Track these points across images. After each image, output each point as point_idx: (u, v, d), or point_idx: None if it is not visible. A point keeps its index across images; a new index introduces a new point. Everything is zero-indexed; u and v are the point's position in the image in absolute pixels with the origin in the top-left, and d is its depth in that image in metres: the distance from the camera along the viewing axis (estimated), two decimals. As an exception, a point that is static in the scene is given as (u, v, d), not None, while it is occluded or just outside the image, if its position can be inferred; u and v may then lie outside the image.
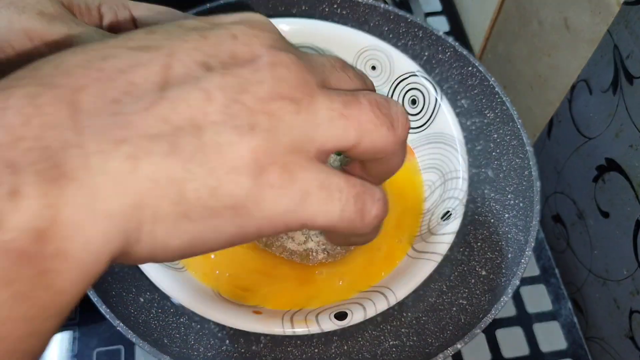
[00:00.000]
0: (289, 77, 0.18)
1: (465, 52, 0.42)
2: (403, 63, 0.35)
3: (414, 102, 0.35)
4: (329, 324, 0.27)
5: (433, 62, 0.43)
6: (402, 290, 0.29)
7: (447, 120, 0.34)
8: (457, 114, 0.44)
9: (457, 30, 0.59)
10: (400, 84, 0.35)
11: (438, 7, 0.60)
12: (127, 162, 0.16)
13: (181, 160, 0.16)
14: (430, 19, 0.59)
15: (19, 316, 0.15)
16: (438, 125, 0.34)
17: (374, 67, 0.36)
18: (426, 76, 0.34)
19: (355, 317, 0.28)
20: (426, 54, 0.43)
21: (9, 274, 0.14)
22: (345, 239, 0.24)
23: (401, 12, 0.42)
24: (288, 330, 0.27)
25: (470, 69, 0.42)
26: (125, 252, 0.17)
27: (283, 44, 0.19)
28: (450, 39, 0.42)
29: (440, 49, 0.43)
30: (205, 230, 0.17)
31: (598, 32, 0.39)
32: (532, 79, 0.49)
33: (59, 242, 0.15)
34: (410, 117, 0.36)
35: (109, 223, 0.16)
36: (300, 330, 0.27)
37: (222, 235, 0.18)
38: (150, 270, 0.28)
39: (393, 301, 0.28)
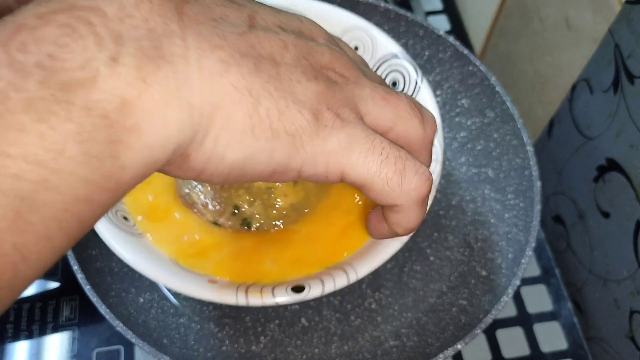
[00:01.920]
0: (342, 59, 0.22)
1: (465, 51, 0.42)
2: (385, 44, 0.35)
3: (394, 84, 0.35)
4: (285, 297, 0.27)
5: (433, 61, 0.43)
6: (363, 268, 0.28)
7: (426, 103, 0.33)
8: (458, 114, 0.44)
9: (458, 29, 0.59)
10: (382, 65, 0.35)
11: (439, 5, 0.60)
12: (219, 64, 0.18)
13: (262, 80, 0.19)
14: (430, 18, 0.59)
15: (82, 176, 0.15)
16: None
17: (356, 48, 0.36)
18: (408, 58, 0.34)
19: (313, 291, 0.27)
20: (427, 53, 0.43)
21: (85, 132, 0.15)
22: (385, 226, 0.25)
23: (402, 11, 0.42)
24: (241, 301, 0.27)
25: (470, 68, 0.42)
26: (185, 152, 0.18)
27: (334, 40, 0.24)
28: (450, 38, 0.42)
29: (440, 48, 0.42)
30: (261, 150, 0.19)
31: (599, 31, 0.39)
32: (533, 78, 0.49)
33: (139, 117, 0.16)
34: None
35: (187, 113, 0.17)
36: (254, 301, 0.27)
37: (271, 162, 0.19)
38: (108, 235, 0.28)
39: (353, 278, 0.28)
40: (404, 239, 0.29)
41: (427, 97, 0.34)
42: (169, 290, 0.38)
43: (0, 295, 0.15)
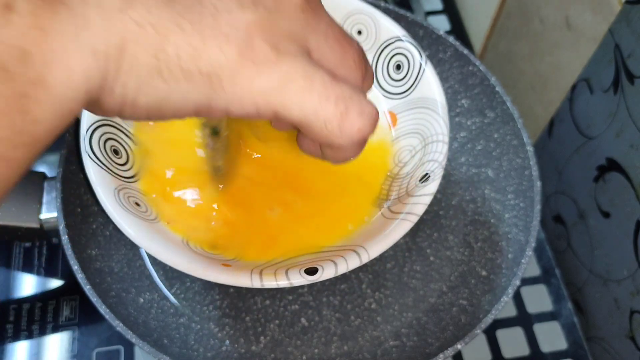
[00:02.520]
0: None
1: (465, 51, 0.42)
2: (389, 27, 0.35)
3: (398, 67, 0.35)
4: (299, 279, 0.27)
5: (433, 61, 0.43)
6: (375, 249, 0.28)
7: (430, 85, 0.34)
8: (458, 114, 0.44)
9: (458, 29, 0.59)
10: (386, 49, 0.35)
11: (439, 5, 0.60)
12: (120, 0, 0.16)
13: (174, 13, 0.16)
14: (430, 18, 0.59)
15: None
16: (422, 90, 0.34)
17: (360, 32, 0.36)
18: (411, 41, 0.34)
19: (326, 272, 0.27)
20: (427, 53, 0.43)
21: None
22: (318, 149, 0.23)
23: (401, 11, 0.42)
24: (256, 283, 0.27)
25: (470, 68, 0.42)
26: (97, 99, 0.17)
27: None
28: (450, 38, 0.42)
29: (440, 48, 0.42)
30: (174, 93, 0.17)
31: (599, 31, 0.39)
32: (533, 78, 0.49)
33: (41, 68, 0.15)
34: (395, 83, 0.36)
35: (91, 59, 0.16)
36: (268, 283, 0.27)
37: (189, 104, 0.18)
38: (121, 220, 0.28)
39: (365, 259, 0.28)
40: (413, 219, 0.29)
41: (431, 80, 0.34)
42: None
43: None
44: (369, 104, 0.20)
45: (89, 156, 0.30)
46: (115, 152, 0.32)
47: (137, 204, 0.31)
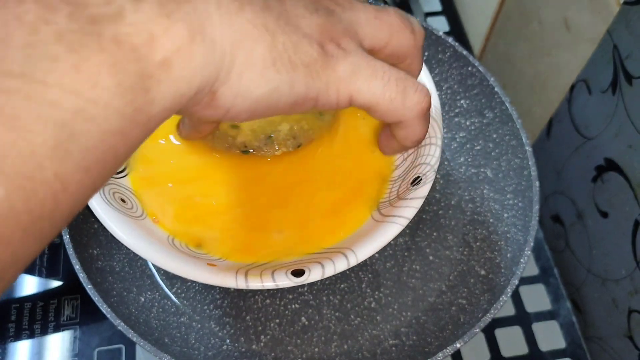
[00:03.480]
0: None
1: (464, 52, 0.42)
2: None
3: None
4: (285, 281, 0.27)
5: (433, 62, 0.43)
6: (364, 252, 0.28)
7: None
8: (457, 114, 0.44)
9: (457, 30, 0.59)
10: None
11: (438, 7, 0.60)
12: (234, 3, 0.19)
13: (273, 16, 0.20)
14: (430, 19, 0.59)
15: (116, 108, 0.16)
16: None
17: None
18: None
19: (313, 275, 0.27)
20: (426, 54, 0.43)
21: (118, 64, 0.16)
22: (395, 142, 0.27)
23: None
24: (241, 284, 0.27)
25: (469, 69, 0.42)
26: (213, 90, 0.19)
27: None
28: (450, 39, 0.42)
29: (440, 49, 0.43)
30: (283, 83, 0.20)
31: (598, 32, 0.39)
32: (532, 78, 0.49)
33: (167, 52, 0.17)
34: None
35: (211, 48, 0.18)
36: (254, 284, 0.27)
37: (293, 93, 0.20)
38: (105, 217, 0.28)
39: (354, 262, 0.28)
40: (403, 222, 0.29)
41: (425, 82, 0.34)
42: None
43: (41, 227, 0.15)
44: (421, 84, 0.24)
45: None
46: None
47: (123, 200, 0.30)
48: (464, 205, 0.42)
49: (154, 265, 0.39)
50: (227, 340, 0.38)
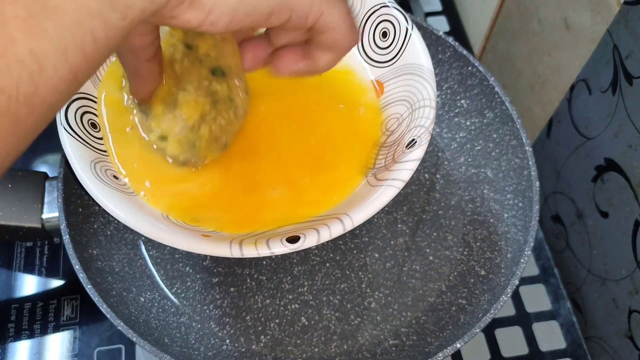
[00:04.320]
0: None
1: (465, 52, 0.42)
2: None
3: (384, 35, 0.35)
4: (281, 247, 0.26)
5: (433, 62, 0.43)
6: (359, 215, 0.28)
7: (417, 51, 0.33)
8: (457, 114, 0.44)
9: (457, 30, 0.59)
10: (372, 16, 0.35)
11: (438, 7, 0.60)
12: None
13: None
14: (430, 19, 0.59)
15: None
16: (408, 57, 0.34)
17: None
18: (397, 7, 0.34)
19: (309, 240, 0.26)
20: (426, 53, 0.43)
21: None
22: (318, 43, 0.26)
23: (401, 12, 0.42)
24: (236, 253, 0.26)
25: (470, 68, 0.42)
26: None
27: None
28: (450, 39, 0.42)
29: (440, 49, 0.43)
30: None
31: (598, 32, 0.39)
32: (532, 78, 0.49)
33: None
34: (381, 51, 0.35)
35: None
36: (249, 252, 0.26)
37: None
38: (98, 192, 0.28)
39: (349, 226, 0.27)
40: (399, 184, 0.28)
41: (418, 45, 0.33)
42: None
43: (16, 112, 0.14)
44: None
45: (65, 129, 0.30)
46: (93, 125, 0.31)
47: (115, 177, 0.30)
48: (464, 205, 0.42)
49: (153, 265, 0.39)
50: (227, 341, 0.37)
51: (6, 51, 0.14)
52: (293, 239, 0.27)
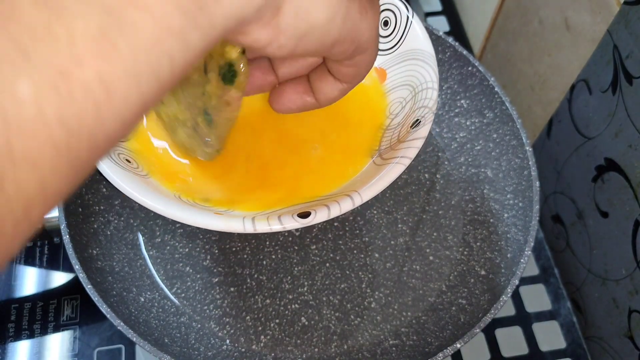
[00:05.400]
0: None
1: (465, 52, 0.42)
2: None
3: (386, 23, 0.35)
4: (292, 222, 0.27)
5: (433, 62, 0.43)
6: (368, 192, 0.28)
7: (418, 37, 0.34)
8: (457, 114, 0.44)
9: (457, 30, 0.59)
10: None
11: (438, 6, 0.60)
12: None
13: None
14: (430, 19, 0.59)
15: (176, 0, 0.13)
16: (410, 43, 0.34)
17: None
18: None
19: (319, 215, 0.27)
20: (426, 53, 0.43)
21: None
22: (337, 72, 0.25)
23: (401, 12, 0.42)
24: (249, 227, 0.27)
25: (470, 68, 0.42)
26: (277, 5, 0.17)
27: None
28: (450, 39, 0.42)
29: (440, 48, 0.43)
30: (339, 14, 0.19)
31: (598, 32, 0.39)
32: (532, 78, 0.49)
33: None
34: (383, 40, 0.36)
35: None
36: (261, 228, 0.27)
37: (344, 28, 0.19)
38: (114, 175, 0.28)
39: (358, 202, 0.28)
40: (406, 162, 0.29)
41: (419, 31, 0.34)
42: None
43: (77, 149, 0.12)
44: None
45: None
46: None
47: (128, 161, 0.30)
48: (464, 205, 0.42)
49: (153, 265, 0.39)
50: (227, 341, 0.37)
51: (70, 75, 0.11)
52: (304, 214, 0.27)
